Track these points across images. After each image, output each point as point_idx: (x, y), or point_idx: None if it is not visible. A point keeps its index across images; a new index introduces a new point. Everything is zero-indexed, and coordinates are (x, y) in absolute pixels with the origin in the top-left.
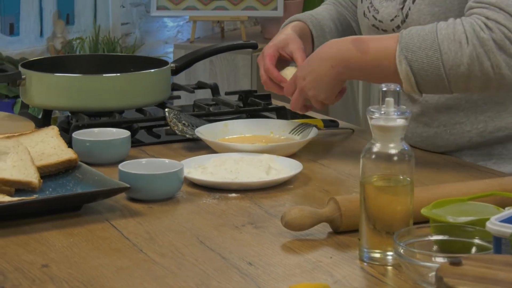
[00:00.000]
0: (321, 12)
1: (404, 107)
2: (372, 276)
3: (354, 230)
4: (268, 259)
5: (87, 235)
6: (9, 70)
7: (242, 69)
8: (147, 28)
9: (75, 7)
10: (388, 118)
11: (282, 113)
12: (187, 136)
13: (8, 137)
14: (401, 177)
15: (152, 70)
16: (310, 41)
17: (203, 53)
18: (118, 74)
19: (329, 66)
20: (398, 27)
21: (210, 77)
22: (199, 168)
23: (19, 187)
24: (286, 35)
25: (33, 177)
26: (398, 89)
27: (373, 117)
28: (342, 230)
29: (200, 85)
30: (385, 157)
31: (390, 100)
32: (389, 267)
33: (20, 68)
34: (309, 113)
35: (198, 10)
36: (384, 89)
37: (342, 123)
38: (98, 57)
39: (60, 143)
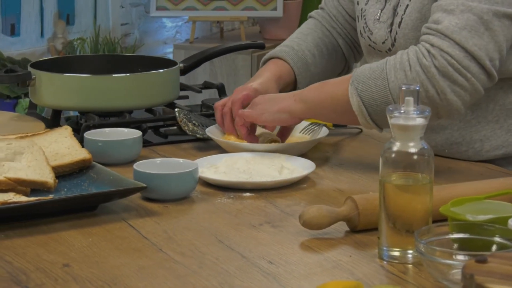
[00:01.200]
0: (305, 38)
1: (424, 106)
2: (393, 274)
3: (371, 229)
4: (288, 258)
5: (106, 235)
6: (18, 71)
7: (242, 69)
8: (145, 28)
9: (75, 7)
10: (408, 117)
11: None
12: (198, 136)
13: (21, 137)
14: (420, 176)
15: (162, 70)
16: (292, 79)
17: (211, 53)
18: (128, 74)
19: (291, 96)
20: (390, 50)
21: (210, 77)
22: (212, 167)
23: (34, 187)
24: (264, 85)
25: (48, 177)
26: (417, 88)
27: (393, 116)
28: (360, 229)
29: (207, 85)
30: (405, 156)
31: (409, 99)
32: (409, 266)
33: (30, 68)
34: None
35: (197, 11)
36: (404, 88)
37: None
38: (105, 58)
39: (74, 143)
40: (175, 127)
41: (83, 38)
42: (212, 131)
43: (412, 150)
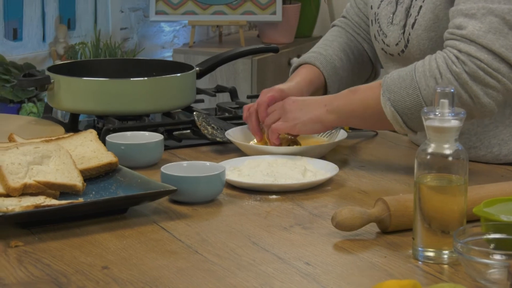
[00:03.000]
0: (331, 44)
1: (459, 108)
2: (430, 274)
3: (401, 230)
4: (324, 259)
5: (139, 237)
6: (37, 75)
7: (242, 73)
8: (144, 33)
9: (76, 12)
10: (443, 119)
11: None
12: (218, 139)
13: (47, 141)
14: (455, 177)
15: (179, 74)
16: (322, 83)
17: (225, 57)
18: (146, 78)
19: (322, 105)
20: (403, 51)
21: (210, 82)
22: (235, 170)
23: (63, 190)
24: (292, 86)
25: (77, 180)
26: (452, 90)
27: (428, 118)
28: (390, 230)
29: (219, 89)
30: (439, 158)
31: (445, 101)
32: (445, 266)
33: (47, 72)
34: None
35: (197, 15)
36: (439, 90)
37: None
38: (119, 61)
39: (100, 146)
40: (189, 131)
41: (85, 43)
42: (232, 134)
43: (447, 151)
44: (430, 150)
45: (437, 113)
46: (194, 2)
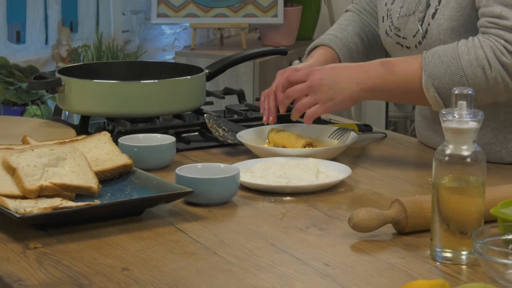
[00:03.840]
0: (346, 28)
1: (477, 110)
2: (449, 275)
3: (417, 231)
4: (342, 260)
5: (157, 239)
6: (48, 77)
7: (244, 76)
8: (145, 35)
9: (78, 14)
10: (461, 120)
11: (316, 118)
12: (229, 141)
13: (62, 143)
14: (474, 178)
15: (189, 77)
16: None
17: (234, 59)
18: (157, 81)
19: (354, 83)
20: (420, 43)
21: (212, 85)
22: (247, 172)
23: (79, 192)
24: (308, 65)
25: (92, 182)
26: (470, 92)
27: (446, 119)
28: (407, 231)
29: (227, 91)
30: (458, 159)
31: (463, 103)
32: (463, 266)
33: (58, 75)
34: (337, 117)
35: (198, 18)
36: (457, 92)
37: (374, 128)
38: (128, 64)
39: (114, 148)
40: (197, 133)
41: (88, 45)
42: (243, 136)
43: (465, 153)
44: (448, 151)
45: (455, 115)
46: (196, 4)
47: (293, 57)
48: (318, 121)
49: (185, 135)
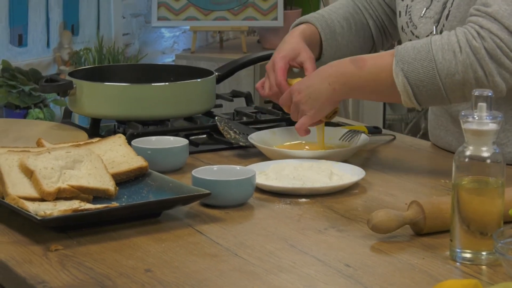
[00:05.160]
0: (336, 10)
1: (496, 112)
2: (470, 275)
3: (435, 232)
4: (363, 261)
5: (177, 240)
6: (59, 80)
7: (245, 79)
8: (145, 38)
9: (80, 18)
10: (481, 122)
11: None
12: (241, 143)
13: (77, 146)
14: (493, 179)
15: (199, 80)
16: (318, 45)
17: (243, 62)
18: (167, 83)
19: (326, 84)
20: None
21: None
22: (261, 174)
23: (96, 195)
24: (296, 44)
25: (109, 185)
26: (490, 94)
27: (467, 121)
28: (424, 233)
29: (235, 94)
30: (478, 160)
31: (482, 105)
32: (483, 267)
33: (68, 78)
34: (349, 120)
35: (198, 21)
36: (477, 94)
37: (383, 130)
38: (136, 67)
39: (129, 151)
40: (205, 136)
41: (90, 48)
42: (255, 138)
43: (485, 154)
44: (468, 153)
45: (475, 117)
46: (196, 8)
47: None
48: (328, 123)
49: (193, 137)
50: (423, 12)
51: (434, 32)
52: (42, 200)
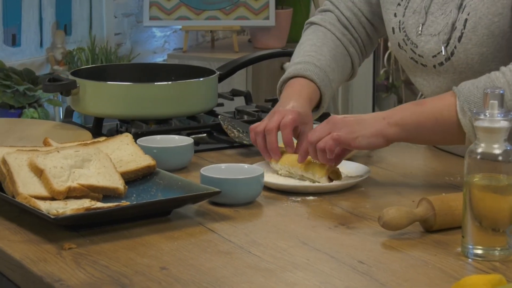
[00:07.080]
0: (321, 50)
1: (507, 109)
2: (483, 271)
3: (444, 229)
4: (376, 257)
5: (189, 239)
6: (63, 80)
7: (237, 77)
8: (136, 38)
9: (72, 17)
10: (493, 120)
11: (325, 118)
12: (245, 142)
13: (84, 145)
14: (504, 177)
15: (202, 79)
16: (318, 99)
17: (244, 61)
18: (170, 83)
19: (381, 118)
20: (442, 64)
21: None
22: (268, 173)
23: (106, 193)
24: (307, 109)
25: (118, 184)
26: (502, 92)
27: (478, 118)
28: (435, 229)
29: (235, 93)
30: (490, 157)
31: (494, 102)
32: (496, 263)
33: (71, 77)
34: None
35: (190, 20)
36: (489, 91)
37: None
38: (137, 66)
39: (137, 150)
40: (205, 134)
41: (83, 48)
42: None
43: (497, 151)
44: (480, 150)
45: (487, 114)
46: (188, 7)
47: (285, 60)
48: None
49: (193, 136)
50: (420, 29)
51: (443, 53)
52: (52, 199)
